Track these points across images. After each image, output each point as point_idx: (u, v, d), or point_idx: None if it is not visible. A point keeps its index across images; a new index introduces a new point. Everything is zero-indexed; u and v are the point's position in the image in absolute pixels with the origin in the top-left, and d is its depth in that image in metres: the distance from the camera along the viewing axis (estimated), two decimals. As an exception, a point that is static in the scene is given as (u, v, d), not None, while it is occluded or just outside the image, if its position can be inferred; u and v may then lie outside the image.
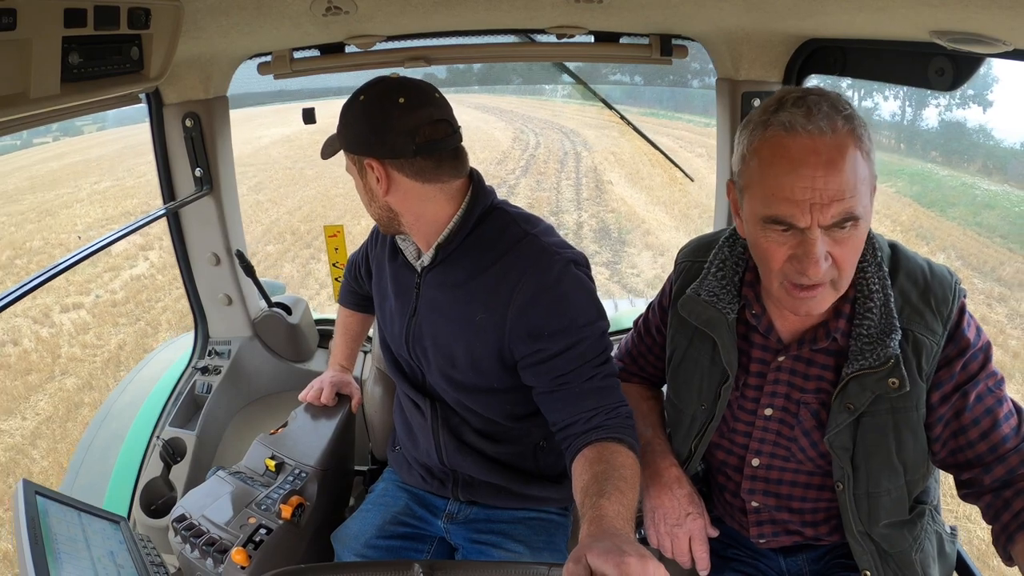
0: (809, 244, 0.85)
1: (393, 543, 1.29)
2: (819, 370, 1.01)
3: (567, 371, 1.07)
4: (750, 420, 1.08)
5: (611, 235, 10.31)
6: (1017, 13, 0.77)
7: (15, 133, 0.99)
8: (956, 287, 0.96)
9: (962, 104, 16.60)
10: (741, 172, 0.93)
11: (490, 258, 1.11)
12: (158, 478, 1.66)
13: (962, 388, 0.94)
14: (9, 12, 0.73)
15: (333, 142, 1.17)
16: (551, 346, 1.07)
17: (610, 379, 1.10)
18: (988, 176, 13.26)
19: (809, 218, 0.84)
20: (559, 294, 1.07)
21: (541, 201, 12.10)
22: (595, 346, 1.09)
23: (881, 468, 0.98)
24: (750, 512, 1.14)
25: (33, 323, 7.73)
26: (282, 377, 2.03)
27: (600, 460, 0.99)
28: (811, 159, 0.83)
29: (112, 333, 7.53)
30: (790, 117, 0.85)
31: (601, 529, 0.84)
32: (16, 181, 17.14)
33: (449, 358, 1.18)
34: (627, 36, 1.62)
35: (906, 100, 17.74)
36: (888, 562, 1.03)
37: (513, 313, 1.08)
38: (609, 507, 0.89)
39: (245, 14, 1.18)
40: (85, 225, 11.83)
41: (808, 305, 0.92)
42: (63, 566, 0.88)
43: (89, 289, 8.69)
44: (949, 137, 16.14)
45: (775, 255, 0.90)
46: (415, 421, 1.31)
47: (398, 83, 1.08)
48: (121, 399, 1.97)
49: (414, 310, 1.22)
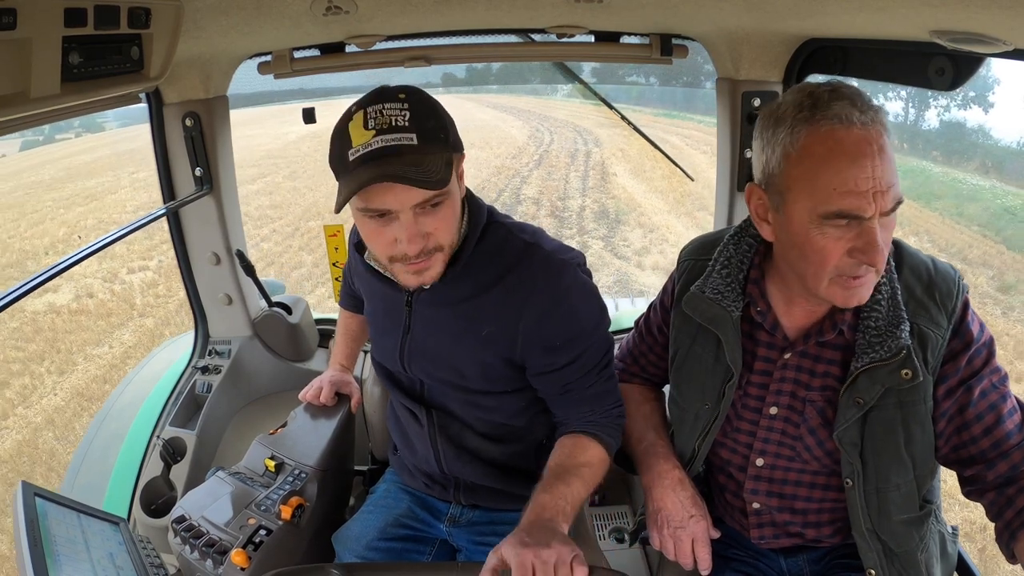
0: (872, 233, 0.86)
1: (395, 545, 1.28)
2: (825, 366, 1.01)
3: (573, 380, 1.11)
4: (754, 419, 1.08)
5: (609, 216, 11.22)
6: (1017, 13, 0.77)
7: (25, 130, 0.99)
8: (959, 282, 0.97)
9: (963, 105, 16.76)
10: (782, 173, 0.90)
11: (495, 273, 1.09)
12: (158, 478, 1.66)
13: (966, 383, 0.94)
14: (9, 12, 0.73)
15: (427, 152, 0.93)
16: (562, 358, 1.10)
17: (608, 382, 1.15)
18: (985, 174, 13.46)
19: (873, 207, 0.84)
20: (570, 306, 1.08)
21: (550, 189, 12.97)
22: (599, 349, 1.12)
23: (890, 463, 0.98)
24: (751, 514, 1.14)
25: (103, 282, 8.77)
26: (282, 377, 2.03)
27: (563, 452, 1.09)
28: (867, 149, 0.84)
29: (179, 287, 8.00)
30: (841, 109, 0.85)
31: (528, 521, 0.93)
32: (52, 171, 18.48)
33: (457, 371, 1.17)
34: (627, 36, 1.62)
35: (909, 101, 17.83)
36: (894, 562, 1.03)
37: (525, 326, 1.08)
38: (546, 499, 0.98)
39: (245, 14, 1.18)
40: (134, 207, 13.10)
41: (860, 293, 0.91)
42: (63, 568, 0.88)
43: (151, 255, 9.82)
44: (950, 137, 16.34)
45: (833, 251, 0.89)
46: (412, 430, 1.31)
47: None
48: (121, 399, 1.97)
49: (407, 328, 1.19)
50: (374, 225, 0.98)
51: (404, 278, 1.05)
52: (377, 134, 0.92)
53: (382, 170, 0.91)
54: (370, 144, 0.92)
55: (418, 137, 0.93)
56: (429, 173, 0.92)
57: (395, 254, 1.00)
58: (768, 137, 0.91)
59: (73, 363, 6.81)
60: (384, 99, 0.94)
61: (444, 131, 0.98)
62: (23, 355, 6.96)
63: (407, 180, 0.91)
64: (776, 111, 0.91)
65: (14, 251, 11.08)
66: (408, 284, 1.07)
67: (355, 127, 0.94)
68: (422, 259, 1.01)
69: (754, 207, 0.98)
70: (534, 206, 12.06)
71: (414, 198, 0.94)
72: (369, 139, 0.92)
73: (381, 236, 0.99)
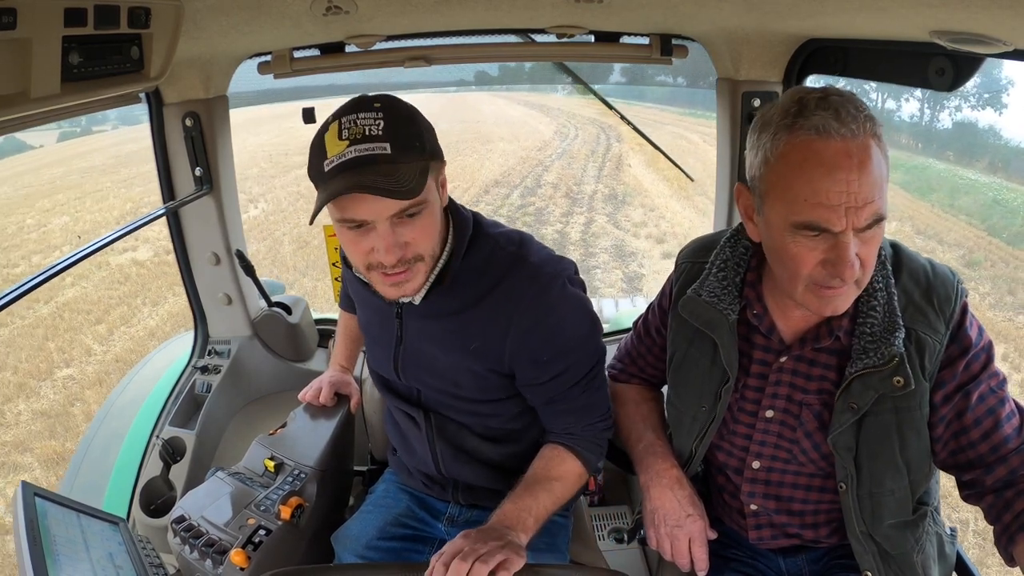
0: (843, 248, 0.85)
1: (394, 545, 1.28)
2: (821, 370, 1.01)
3: (558, 393, 1.13)
4: (751, 422, 1.08)
5: (617, 198, 12.38)
6: (1017, 13, 0.77)
7: (27, 129, 0.99)
8: (958, 287, 0.96)
9: (977, 106, 16.88)
10: (762, 177, 0.90)
11: (484, 287, 1.08)
12: (158, 478, 1.66)
13: (964, 388, 0.94)
14: (9, 11, 0.73)
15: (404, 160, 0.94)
16: (548, 371, 1.10)
17: (596, 394, 1.15)
18: (992, 173, 13.66)
19: (844, 222, 0.83)
20: (558, 319, 1.08)
21: (567, 176, 14.15)
22: (587, 362, 1.13)
23: (885, 468, 0.98)
24: (749, 515, 1.14)
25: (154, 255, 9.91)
26: (282, 377, 2.03)
27: (540, 464, 1.12)
28: (844, 162, 0.82)
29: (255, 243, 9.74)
30: (821, 120, 0.83)
31: (487, 525, 0.98)
32: (101, 158, 19.64)
33: (451, 380, 1.17)
34: (627, 36, 1.62)
35: (925, 102, 17.99)
36: (890, 563, 1.03)
37: (512, 341, 1.08)
38: (509, 508, 1.02)
39: (245, 14, 1.18)
40: None
41: (835, 303, 0.91)
42: (62, 568, 0.88)
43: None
44: (962, 137, 16.50)
45: (805, 261, 0.88)
46: (410, 432, 1.31)
47: None
48: (121, 398, 1.97)
49: (399, 338, 1.19)
50: (352, 235, 0.98)
51: (383, 289, 1.04)
52: (350, 144, 0.92)
53: (354, 180, 0.90)
54: (344, 155, 0.92)
55: (392, 146, 0.92)
56: (402, 182, 0.91)
57: (372, 262, 1.00)
58: (754, 140, 0.91)
59: (164, 297, 8.11)
60: (359, 109, 0.94)
61: (420, 139, 0.97)
62: (118, 293, 8.36)
63: (377, 190, 0.90)
64: (766, 114, 0.91)
65: (86, 222, 12.16)
66: (388, 296, 1.05)
67: (330, 137, 0.94)
68: (400, 269, 0.99)
69: (743, 206, 0.99)
70: (552, 189, 13.06)
71: (389, 208, 0.94)
72: (343, 149, 0.92)
73: (358, 246, 0.99)
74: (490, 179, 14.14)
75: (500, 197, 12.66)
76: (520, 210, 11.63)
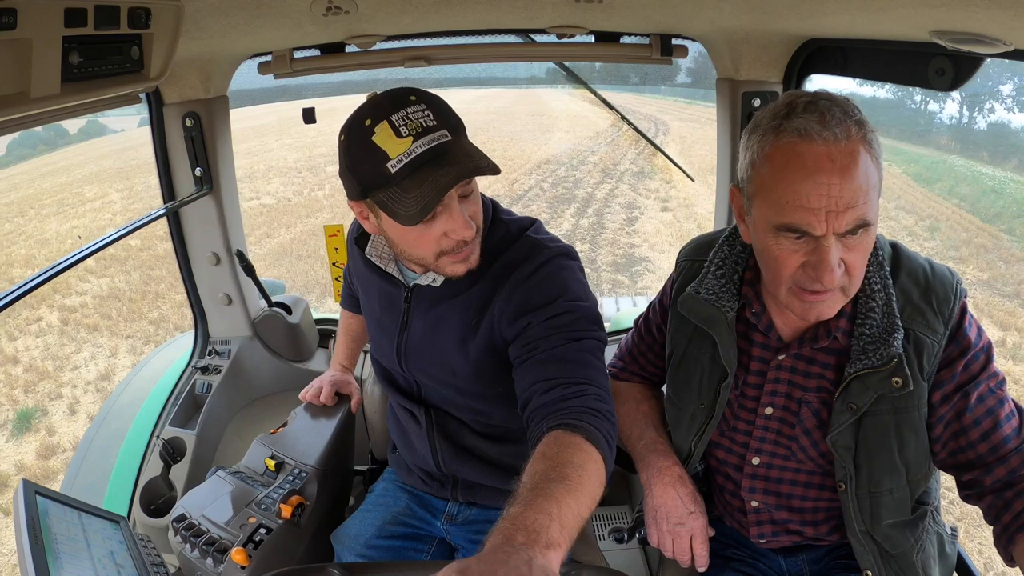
0: (824, 252, 0.85)
1: (393, 543, 1.29)
2: (820, 369, 1.01)
3: (538, 338, 1.01)
4: (750, 419, 1.08)
5: (643, 174, 14.81)
6: (1017, 13, 0.77)
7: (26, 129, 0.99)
8: (957, 287, 0.96)
9: (1011, 108, 17.03)
10: (750, 178, 0.91)
11: (487, 263, 1.10)
12: (158, 478, 1.66)
13: (963, 388, 0.94)
14: (9, 12, 0.73)
15: None
16: (533, 320, 1.03)
17: (585, 355, 0.99)
18: (1021, 172, 13.68)
19: (825, 226, 0.83)
20: (544, 275, 1.06)
21: (607, 158, 16.61)
22: (575, 322, 1.02)
23: (883, 468, 0.98)
24: (750, 512, 1.14)
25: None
26: (282, 377, 2.03)
27: (545, 456, 0.82)
28: (826, 166, 0.82)
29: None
30: (804, 123, 0.83)
31: (494, 544, 0.66)
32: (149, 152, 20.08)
33: (450, 369, 1.16)
34: (627, 36, 1.62)
35: (963, 104, 18.07)
36: (890, 563, 1.03)
37: (500, 300, 1.07)
38: (519, 515, 0.71)
39: (245, 14, 1.18)
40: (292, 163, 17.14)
41: (818, 309, 0.91)
42: (63, 566, 0.88)
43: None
44: (996, 138, 16.49)
45: (787, 263, 0.89)
46: (410, 429, 1.31)
47: None
48: (121, 399, 1.97)
49: (405, 323, 1.18)
50: (438, 225, 0.99)
51: (452, 269, 1.05)
52: (415, 139, 0.91)
53: (452, 170, 0.91)
54: (413, 150, 0.91)
55: (449, 132, 0.94)
56: (482, 158, 0.94)
57: (444, 247, 1.01)
58: (745, 141, 0.92)
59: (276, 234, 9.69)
60: (402, 105, 0.94)
61: (458, 120, 0.99)
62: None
63: (482, 170, 0.93)
64: (757, 117, 0.91)
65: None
66: (457, 273, 1.06)
67: (385, 138, 0.92)
68: (468, 245, 1.02)
69: (735, 206, 0.99)
70: (592, 167, 15.79)
71: (467, 188, 0.98)
72: (409, 146, 0.91)
73: (428, 236, 1.00)
74: (543, 158, 16.80)
75: (548, 171, 15.25)
76: (563, 179, 14.36)
